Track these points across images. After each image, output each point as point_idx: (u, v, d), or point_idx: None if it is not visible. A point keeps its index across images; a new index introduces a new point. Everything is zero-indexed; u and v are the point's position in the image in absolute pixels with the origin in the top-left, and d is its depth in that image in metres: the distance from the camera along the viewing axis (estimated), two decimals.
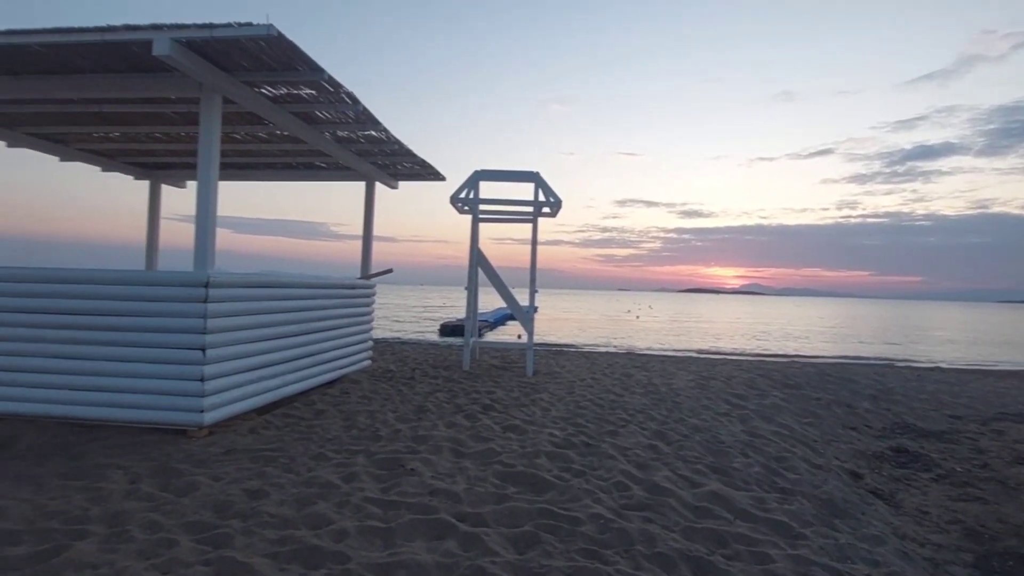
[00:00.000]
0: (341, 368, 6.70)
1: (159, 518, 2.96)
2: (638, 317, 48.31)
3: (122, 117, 6.04)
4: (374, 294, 7.71)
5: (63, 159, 7.46)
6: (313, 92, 5.10)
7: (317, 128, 6.19)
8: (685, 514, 3.33)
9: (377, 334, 22.92)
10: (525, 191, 9.60)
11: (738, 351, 22.01)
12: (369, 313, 7.59)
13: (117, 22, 4.03)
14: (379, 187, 8.83)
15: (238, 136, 6.60)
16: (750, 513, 3.39)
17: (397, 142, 6.67)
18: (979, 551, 3.61)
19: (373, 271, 8.22)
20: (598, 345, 21.91)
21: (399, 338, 19.00)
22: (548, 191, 8.33)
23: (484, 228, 9.20)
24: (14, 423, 4.48)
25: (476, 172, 8.42)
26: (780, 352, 21.94)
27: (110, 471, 3.63)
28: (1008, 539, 3.76)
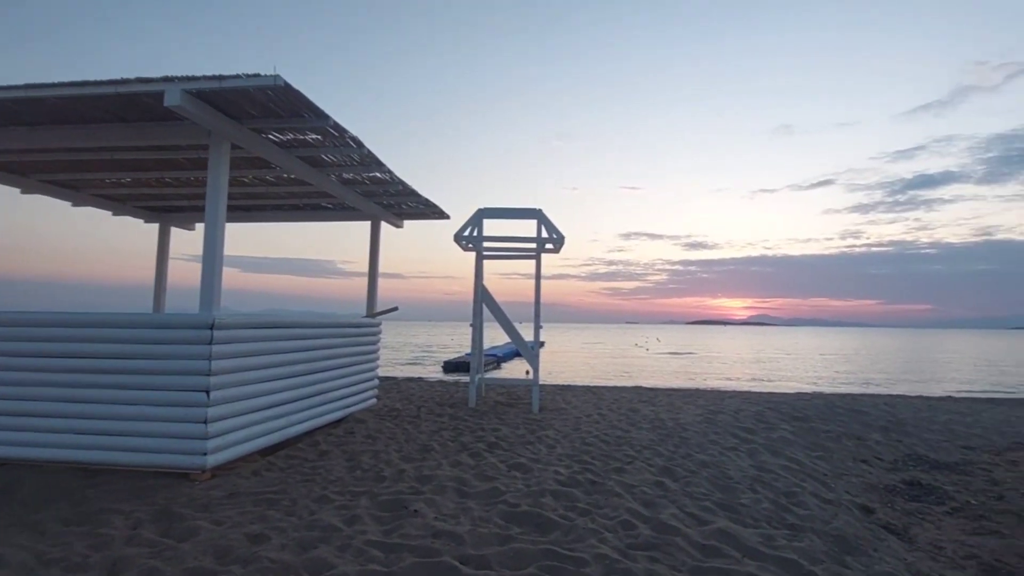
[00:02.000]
0: (346, 407, 6.67)
1: (159, 564, 2.92)
2: (648, 350, 48.11)
3: (134, 163, 6.20)
4: (380, 332, 7.72)
5: (75, 204, 7.62)
6: (319, 137, 5.23)
7: (323, 171, 6.33)
8: (692, 553, 3.26)
9: (383, 372, 22.88)
10: (528, 228, 9.69)
11: (746, 384, 21.76)
12: (375, 351, 7.59)
13: (128, 73, 4.17)
14: (385, 226, 8.95)
15: (246, 179, 6.74)
16: (759, 551, 3.31)
17: (401, 182, 6.78)
18: None
19: (379, 309, 8.25)
20: (605, 379, 21.75)
21: (406, 376, 18.90)
22: (551, 227, 8.40)
23: (491, 264, 9.27)
24: (16, 468, 4.47)
25: (480, 210, 8.52)
26: (788, 383, 21.68)
27: (112, 516, 3.60)
28: None
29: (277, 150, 5.47)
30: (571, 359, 34.41)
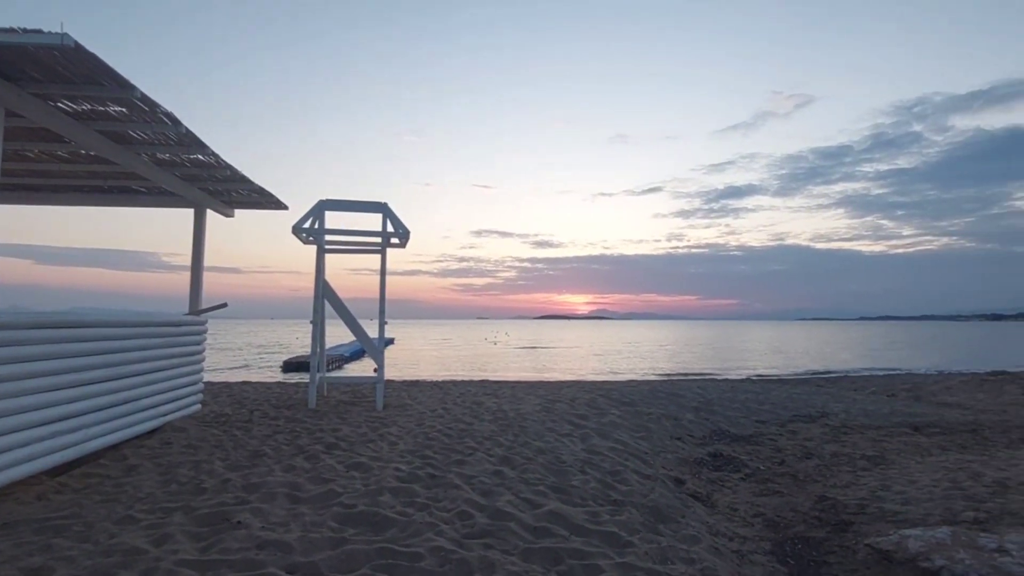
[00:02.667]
0: (162, 415, 5.96)
1: None
2: (496, 344, 49.44)
3: None
4: (205, 332, 7.01)
5: None
6: (123, 110, 4.60)
7: (131, 149, 5.57)
8: (524, 536, 3.39)
9: (215, 375, 20.86)
10: (373, 222, 9.42)
11: (582, 373, 23.30)
12: (199, 352, 6.87)
13: None
14: (214, 215, 8.15)
15: (31, 154, 5.72)
16: (585, 528, 3.55)
17: (229, 167, 6.21)
18: (776, 538, 4.10)
19: (204, 306, 7.49)
20: (453, 374, 21.93)
21: (240, 379, 17.45)
22: (396, 222, 8.24)
23: (340, 259, 8.87)
24: None
25: (321, 202, 8.10)
26: (620, 372, 23.62)
27: None
28: (797, 526, 4.33)
29: (70, 121, 4.71)
30: (421, 355, 34.22)
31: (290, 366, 22.95)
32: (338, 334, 38.79)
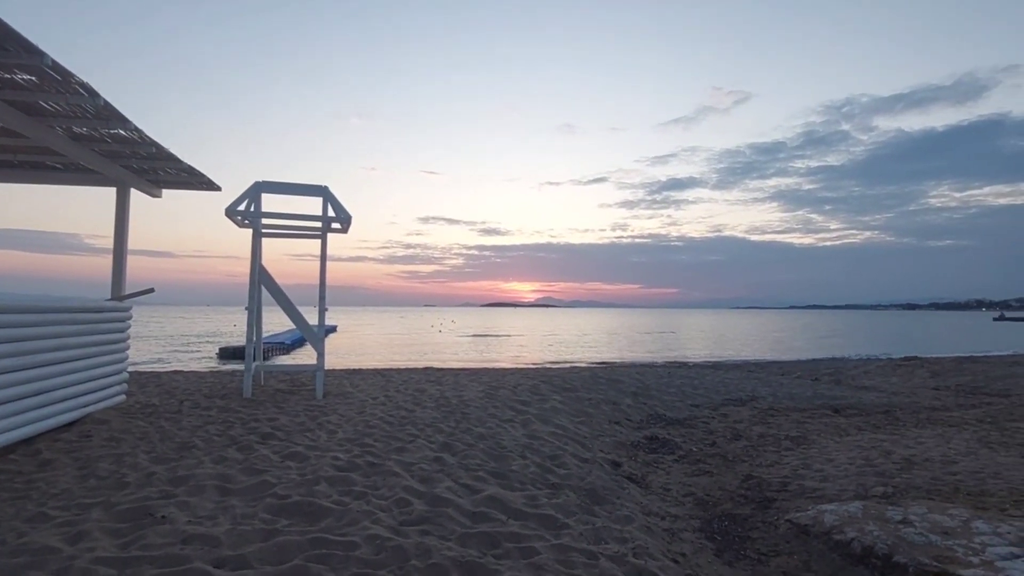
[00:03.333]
0: (82, 407, 5.61)
1: None
2: (441, 331, 49.22)
3: None
4: (129, 318, 6.62)
5: None
6: (33, 79, 4.24)
7: (43, 121, 5.17)
8: (463, 521, 3.40)
9: (144, 365, 19.81)
10: (314, 206, 9.15)
11: (527, 360, 23.53)
12: (122, 340, 6.49)
13: None
14: (140, 195, 7.69)
15: None
16: (522, 511, 3.58)
17: (154, 144, 5.86)
18: (705, 516, 4.28)
19: (129, 291, 7.08)
20: (397, 362, 21.69)
21: (171, 368, 16.70)
22: (338, 206, 8.02)
23: (281, 245, 8.54)
24: None
25: (257, 183, 7.78)
26: (564, 359, 23.99)
27: None
28: (725, 504, 4.52)
29: None
30: (364, 342, 33.65)
31: (227, 354, 22.12)
32: (278, 322, 37.61)
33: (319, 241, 8.18)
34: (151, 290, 7.21)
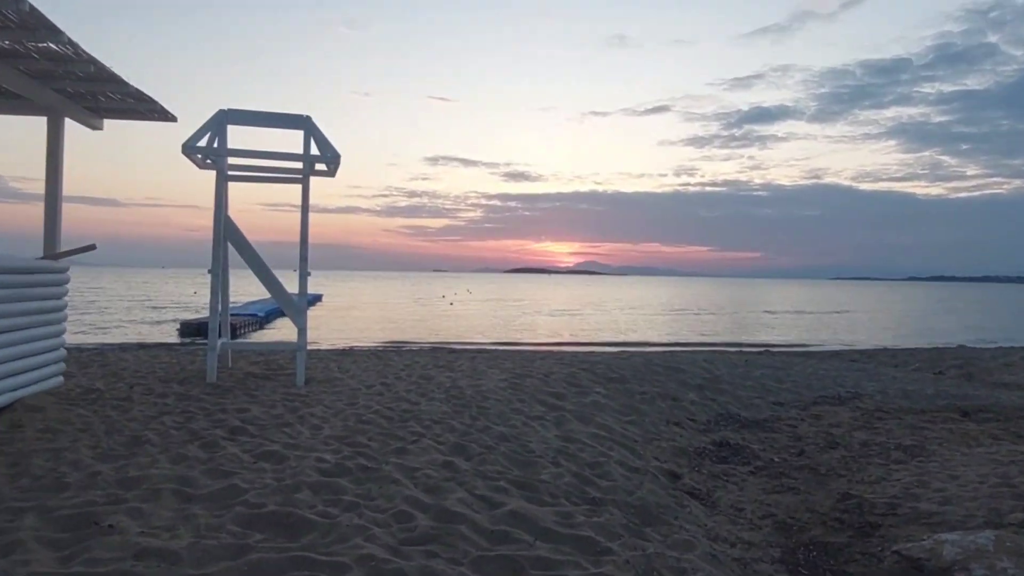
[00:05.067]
0: (10, 390, 5.83)
1: None
2: (453, 304, 49.70)
3: None
4: (66, 281, 6.82)
5: None
6: None
7: None
8: (478, 542, 3.47)
9: (84, 339, 20.51)
10: (293, 141, 9.21)
11: (562, 342, 23.66)
12: (58, 309, 6.70)
13: None
14: (77, 127, 7.83)
15: None
16: (554, 532, 3.64)
17: (93, 62, 5.93)
18: (787, 544, 4.29)
19: (65, 248, 7.28)
20: (397, 341, 22.02)
21: (120, 342, 17.21)
22: (323, 142, 8.07)
23: (251, 191, 8.66)
24: None
25: (222, 112, 7.86)
26: (610, 341, 24.06)
27: None
28: (814, 529, 4.53)
29: None
30: (357, 316, 34.22)
31: (189, 330, 22.69)
32: (249, 290, 38.37)
33: (300, 187, 8.25)
34: (93, 247, 7.39)
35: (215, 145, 7.79)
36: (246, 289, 38.66)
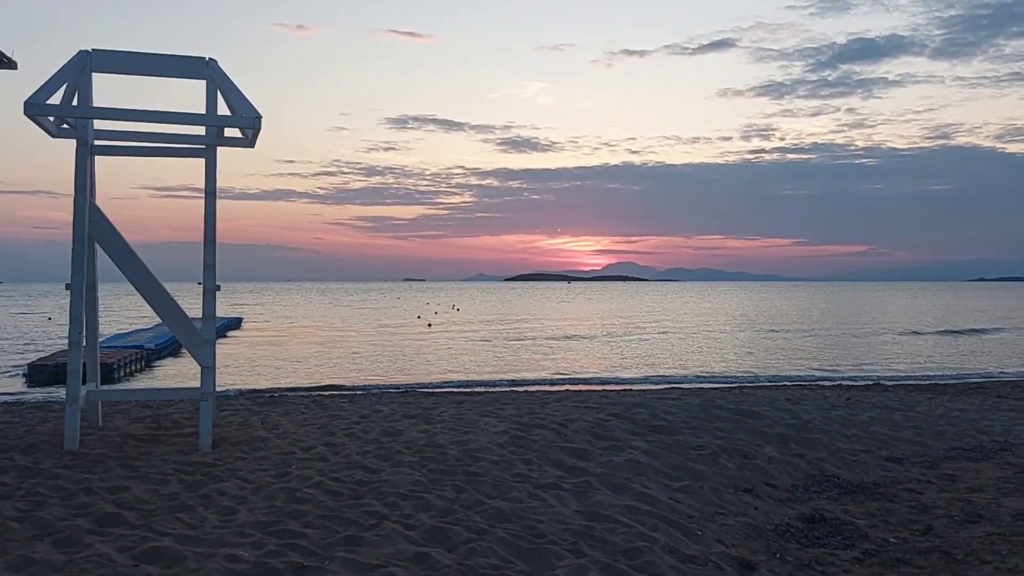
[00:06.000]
0: None
1: None
2: (430, 324, 49.66)
3: None
4: None
5: None
6: None
7: None
8: None
9: None
10: (193, 96, 9.17)
11: (583, 376, 23.53)
12: None
13: None
14: None
15: None
16: None
17: None
18: None
19: None
20: (349, 380, 21.88)
21: None
22: (236, 98, 8.04)
23: (134, 169, 8.58)
24: None
25: (83, 54, 7.84)
26: (651, 374, 23.97)
27: None
28: None
29: None
30: (292, 349, 34.05)
31: (42, 374, 22.47)
32: (133, 313, 38.26)
33: (202, 162, 8.22)
34: None
35: (74, 103, 7.76)
36: (126, 312, 38.53)
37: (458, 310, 72.58)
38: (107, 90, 7.76)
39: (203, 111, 8.05)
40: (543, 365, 27.44)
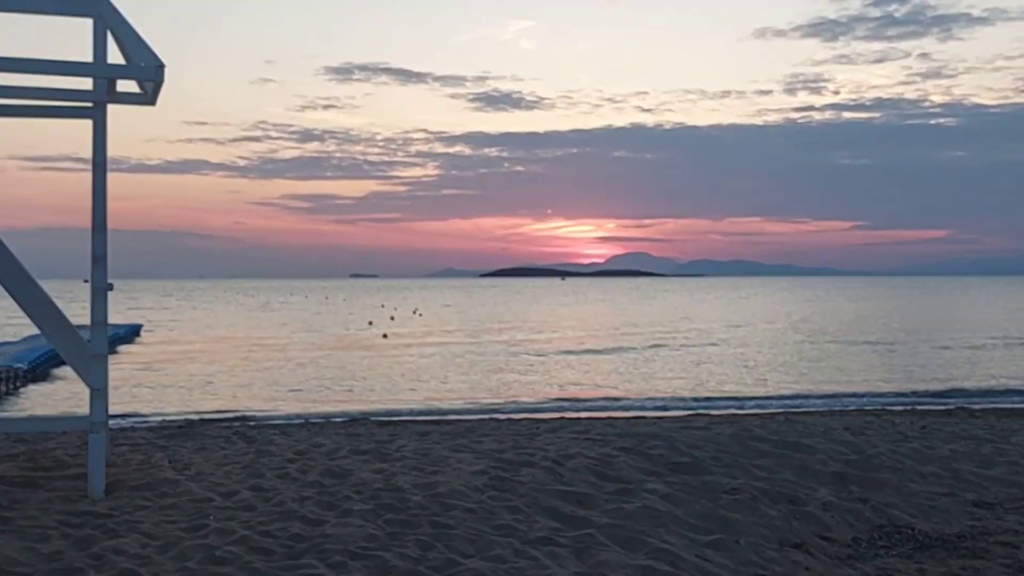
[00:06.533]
0: None
1: None
2: (386, 335, 49.64)
3: None
4: None
5: None
6: None
7: None
8: None
9: None
10: (76, 41, 9.14)
11: (584, 399, 23.52)
12: None
13: None
14: None
15: None
16: None
17: None
18: None
19: None
20: (285, 405, 21.81)
21: None
22: (131, 41, 8.02)
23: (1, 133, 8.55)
24: None
25: None
26: (669, 394, 23.98)
27: None
28: None
29: None
30: (207, 365, 33.93)
31: None
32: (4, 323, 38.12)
33: (89, 123, 8.18)
34: None
35: None
36: None
37: (420, 315, 72.52)
38: None
39: (89, 59, 8.00)
40: (531, 386, 27.41)
